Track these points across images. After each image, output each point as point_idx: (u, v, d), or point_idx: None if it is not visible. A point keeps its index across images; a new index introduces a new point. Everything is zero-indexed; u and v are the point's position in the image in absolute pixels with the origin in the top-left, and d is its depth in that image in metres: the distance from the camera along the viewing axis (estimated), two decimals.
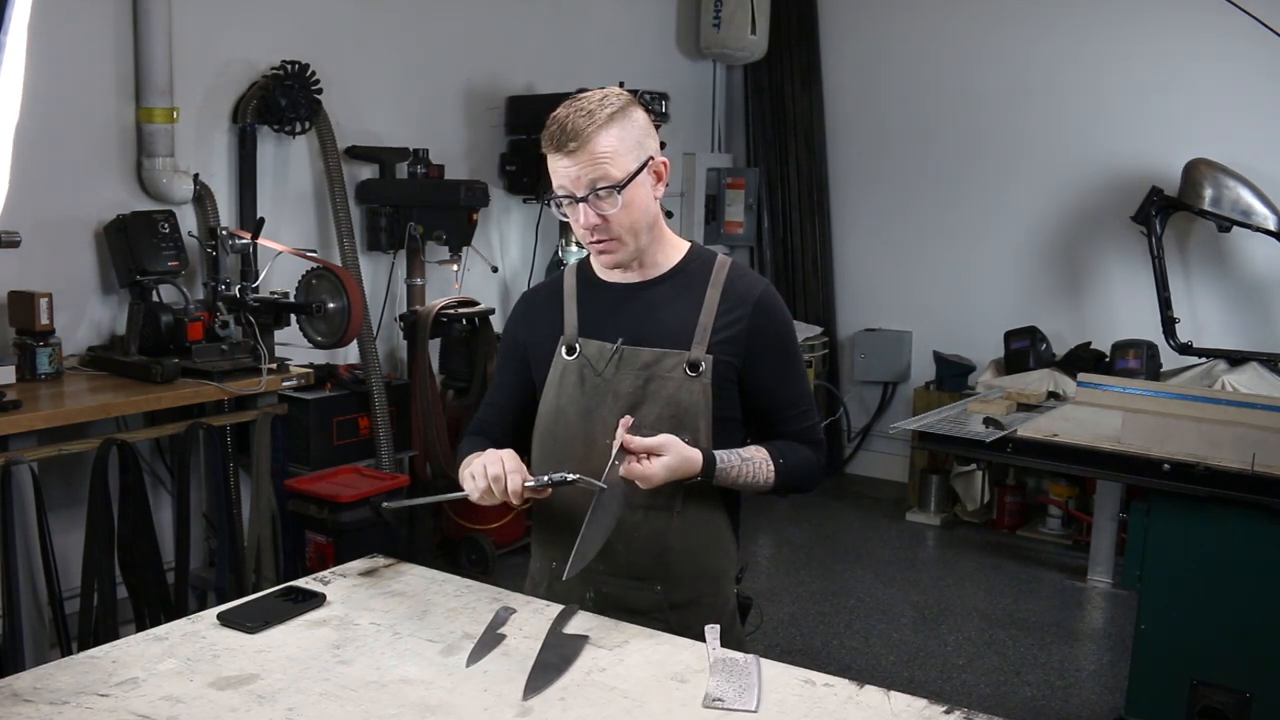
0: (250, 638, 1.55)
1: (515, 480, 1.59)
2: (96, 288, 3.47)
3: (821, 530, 5.21)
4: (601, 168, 1.63)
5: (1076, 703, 3.50)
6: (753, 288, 1.78)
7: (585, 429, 1.76)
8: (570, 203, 1.68)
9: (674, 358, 1.73)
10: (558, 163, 1.66)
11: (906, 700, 1.39)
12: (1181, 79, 4.93)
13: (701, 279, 1.77)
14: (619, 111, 1.66)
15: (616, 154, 1.64)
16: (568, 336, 1.80)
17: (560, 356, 1.79)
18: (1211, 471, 2.82)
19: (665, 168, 1.73)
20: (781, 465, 1.75)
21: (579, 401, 1.76)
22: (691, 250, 1.83)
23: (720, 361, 1.73)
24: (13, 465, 2.78)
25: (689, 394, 1.72)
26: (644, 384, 1.73)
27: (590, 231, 1.69)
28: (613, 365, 1.75)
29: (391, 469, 3.95)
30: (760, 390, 1.78)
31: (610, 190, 1.64)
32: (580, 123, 1.63)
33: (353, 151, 4.17)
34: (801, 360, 1.85)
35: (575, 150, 1.63)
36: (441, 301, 4.29)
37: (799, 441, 1.81)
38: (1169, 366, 4.65)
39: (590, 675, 1.45)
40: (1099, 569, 4.54)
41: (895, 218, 5.82)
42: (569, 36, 5.16)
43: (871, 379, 5.88)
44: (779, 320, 1.79)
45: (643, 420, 1.70)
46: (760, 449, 1.76)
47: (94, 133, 3.43)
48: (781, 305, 1.81)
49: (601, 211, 1.66)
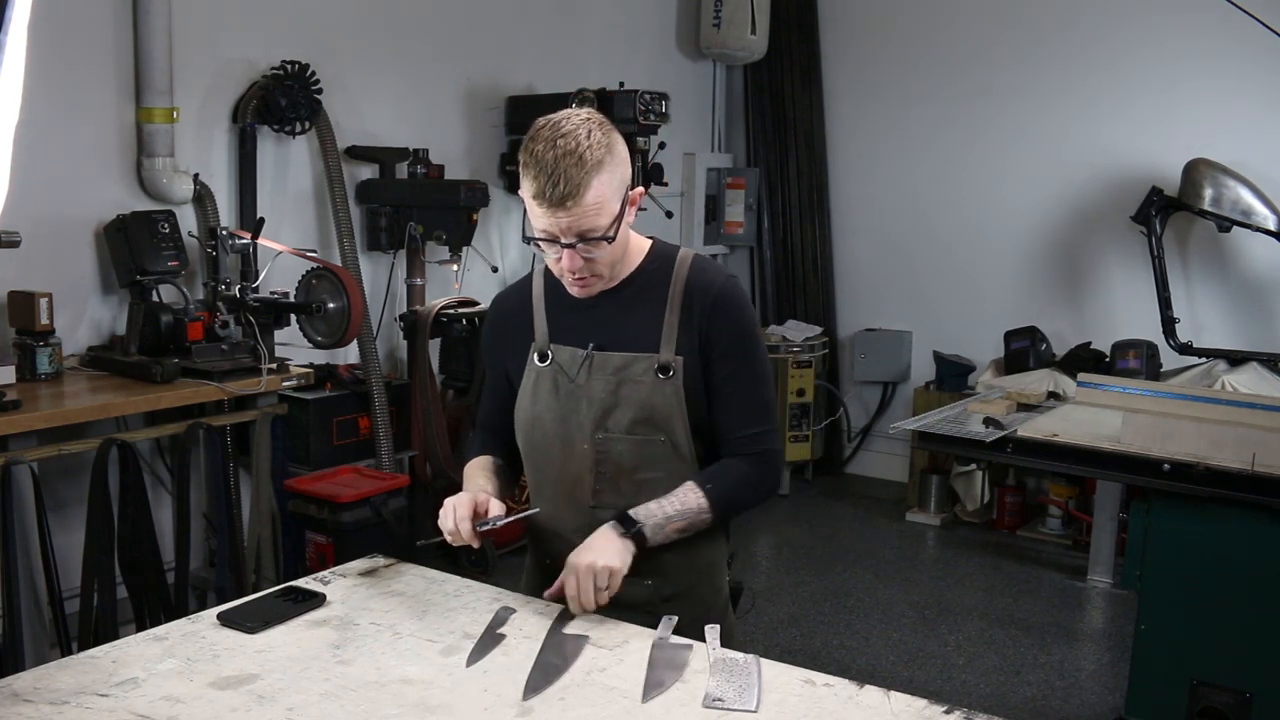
0: (250, 638, 1.55)
1: (465, 528, 1.67)
2: (96, 288, 3.47)
3: (821, 530, 5.21)
4: (592, 219, 1.60)
5: (1076, 703, 3.50)
6: (711, 284, 1.74)
7: (562, 433, 1.77)
8: (551, 244, 1.64)
9: (644, 361, 1.72)
10: (544, 211, 1.60)
11: (906, 700, 1.39)
12: (1182, 79, 4.93)
13: (664, 279, 1.75)
14: (606, 152, 1.60)
15: (605, 202, 1.60)
16: (539, 344, 1.80)
17: (533, 363, 1.80)
18: (1211, 471, 2.82)
19: (639, 197, 1.72)
20: (710, 490, 1.71)
21: (554, 408, 1.77)
22: (653, 250, 1.79)
23: (689, 362, 1.71)
24: (13, 465, 2.78)
25: (661, 397, 1.71)
26: (615, 388, 1.73)
27: (572, 272, 1.67)
28: (584, 371, 1.74)
29: (391, 469, 3.95)
30: (712, 391, 1.74)
31: (599, 240, 1.62)
32: (574, 174, 1.56)
33: (353, 151, 4.17)
34: (761, 363, 1.78)
35: (571, 207, 1.58)
36: (441, 301, 4.29)
37: (742, 452, 1.76)
38: (1169, 366, 4.65)
39: (590, 675, 1.45)
40: (1099, 569, 4.54)
41: (895, 218, 5.82)
42: (569, 36, 5.16)
43: (871, 379, 5.88)
44: (733, 317, 1.74)
45: (617, 425, 1.72)
46: (685, 483, 1.72)
47: (94, 133, 3.43)
48: (739, 301, 1.76)
49: (588, 255, 1.64)
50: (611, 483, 1.76)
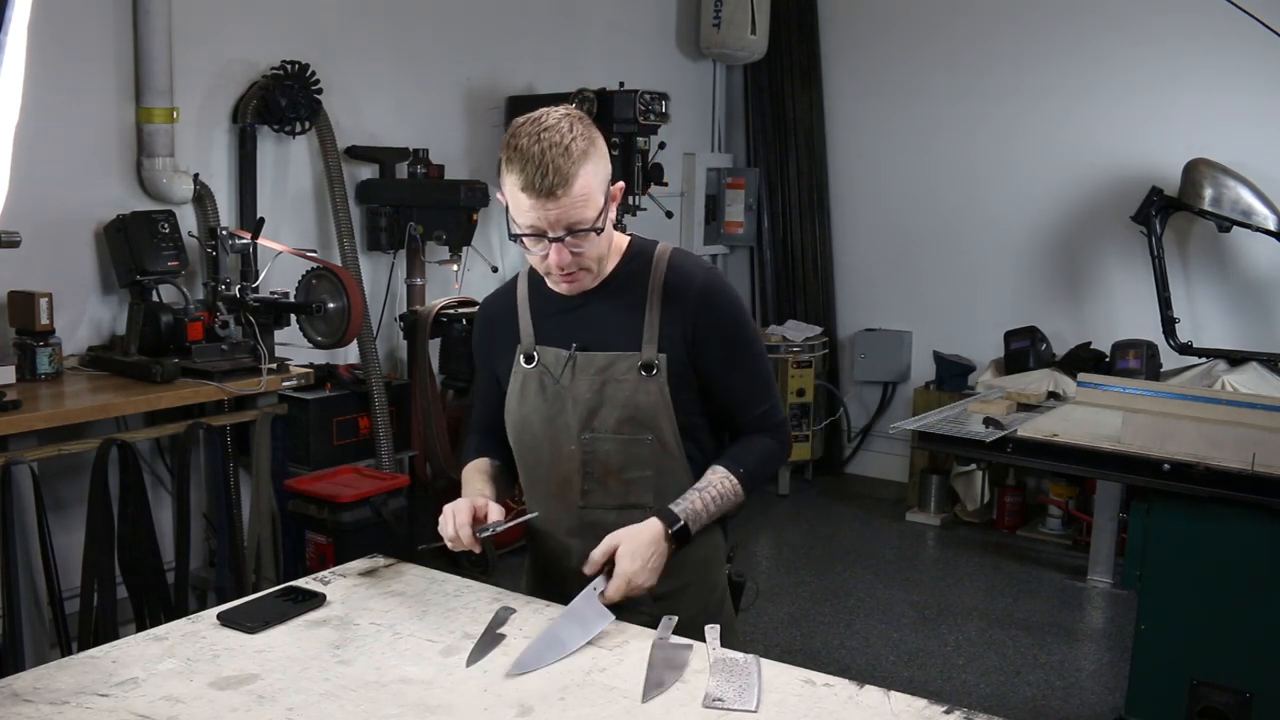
0: (250, 638, 1.55)
1: (465, 533, 1.69)
2: (96, 288, 3.47)
3: (821, 530, 5.21)
4: (580, 211, 1.60)
5: (1076, 703, 3.50)
6: (692, 279, 1.73)
7: (550, 434, 1.77)
8: (537, 239, 1.64)
9: (627, 360, 1.72)
10: (532, 203, 1.59)
11: (906, 700, 1.39)
12: (1181, 79, 4.93)
13: (643, 277, 1.75)
14: (589, 144, 1.61)
15: (591, 193, 1.61)
16: (525, 345, 1.81)
17: (520, 365, 1.80)
18: (1211, 471, 2.82)
19: (620, 192, 1.72)
20: (744, 474, 1.74)
21: (541, 409, 1.78)
22: (631, 246, 1.79)
23: (674, 359, 1.72)
24: (13, 465, 2.78)
25: (646, 394, 1.72)
26: (600, 388, 1.73)
27: (560, 268, 1.67)
28: (569, 372, 1.75)
29: (391, 469, 3.95)
30: (713, 382, 1.76)
31: (587, 232, 1.63)
32: (561, 164, 1.56)
33: (353, 151, 4.17)
34: (756, 344, 1.80)
35: (560, 196, 1.58)
36: (441, 301, 4.29)
37: (758, 430, 1.79)
38: (1169, 366, 4.65)
39: (590, 675, 1.45)
40: (1099, 569, 4.54)
41: (895, 218, 5.81)
42: (569, 36, 5.16)
43: (871, 379, 5.88)
44: (722, 307, 1.75)
45: (603, 424, 1.72)
46: (714, 469, 1.74)
47: (94, 133, 3.43)
48: (725, 291, 1.77)
49: (575, 250, 1.64)
50: (600, 482, 1.76)
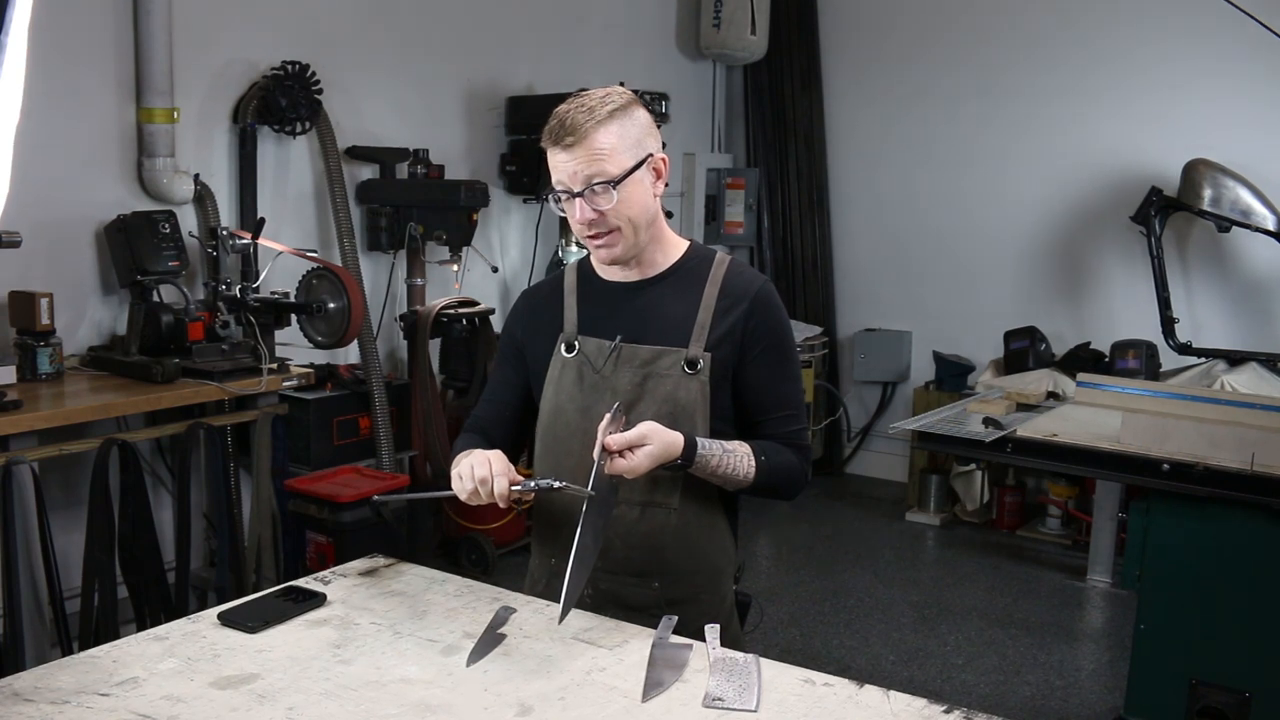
0: (250, 637, 1.55)
1: (501, 483, 1.59)
2: (97, 288, 3.47)
3: (821, 530, 5.21)
4: (598, 164, 1.64)
5: (1076, 703, 3.50)
6: (750, 285, 1.77)
7: (584, 426, 1.75)
8: (568, 198, 1.69)
9: (672, 355, 1.73)
10: (556, 157, 1.67)
11: (906, 700, 1.39)
12: (1181, 79, 4.93)
13: (700, 276, 1.78)
14: (620, 109, 1.68)
15: (615, 150, 1.65)
16: (567, 334, 1.81)
17: (560, 354, 1.80)
18: (1211, 471, 2.82)
19: (665, 165, 1.74)
20: (764, 463, 1.74)
21: (577, 399, 1.77)
22: (691, 248, 1.83)
23: (718, 359, 1.73)
24: (13, 465, 2.79)
25: (687, 391, 1.72)
26: (642, 381, 1.73)
27: (587, 226, 1.70)
28: (611, 363, 1.75)
29: (392, 469, 3.95)
30: (748, 387, 1.76)
31: (606, 186, 1.65)
32: (580, 118, 1.64)
33: (353, 151, 4.17)
34: (796, 363, 1.83)
35: (573, 145, 1.64)
36: (441, 301, 4.29)
37: (783, 445, 1.79)
38: (1168, 366, 4.65)
39: (590, 675, 1.45)
40: (1099, 569, 4.54)
41: (895, 218, 5.82)
42: (569, 36, 5.16)
43: (871, 379, 5.88)
44: (774, 318, 1.78)
45: (640, 417, 1.69)
46: (744, 444, 1.74)
47: (94, 133, 3.43)
48: (778, 304, 1.80)
49: (597, 206, 1.67)
50: None
